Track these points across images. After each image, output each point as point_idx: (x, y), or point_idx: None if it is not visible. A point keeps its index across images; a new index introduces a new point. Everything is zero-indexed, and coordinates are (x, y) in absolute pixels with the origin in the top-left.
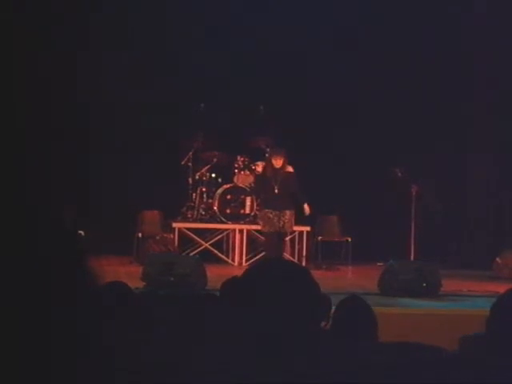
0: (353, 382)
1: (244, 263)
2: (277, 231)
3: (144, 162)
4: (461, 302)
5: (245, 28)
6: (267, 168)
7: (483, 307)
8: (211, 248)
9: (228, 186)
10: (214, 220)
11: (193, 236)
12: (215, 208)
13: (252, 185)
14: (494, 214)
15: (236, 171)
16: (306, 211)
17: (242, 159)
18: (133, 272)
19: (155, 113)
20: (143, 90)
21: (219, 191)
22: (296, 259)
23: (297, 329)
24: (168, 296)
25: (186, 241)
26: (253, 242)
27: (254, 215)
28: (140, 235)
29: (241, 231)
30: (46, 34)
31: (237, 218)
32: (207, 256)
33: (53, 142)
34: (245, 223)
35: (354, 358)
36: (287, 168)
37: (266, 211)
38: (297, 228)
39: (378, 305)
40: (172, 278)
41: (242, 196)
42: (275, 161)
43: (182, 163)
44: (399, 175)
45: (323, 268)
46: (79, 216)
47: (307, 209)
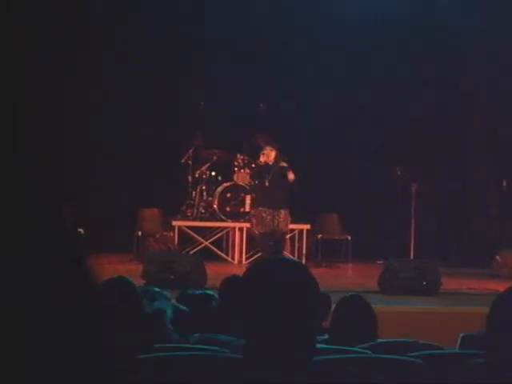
0: (352, 382)
1: (244, 261)
2: (269, 231)
3: (144, 160)
4: (460, 301)
5: (244, 27)
6: (258, 161)
7: (483, 305)
8: (211, 246)
9: (228, 184)
10: (214, 218)
11: (193, 234)
12: (215, 206)
13: (251, 182)
14: (494, 213)
15: (236, 169)
16: (290, 177)
17: (242, 157)
18: (133, 270)
19: (155, 111)
20: (143, 89)
21: (219, 189)
22: (296, 257)
23: (296, 327)
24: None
25: (186, 239)
26: (252, 240)
27: None
28: (140, 233)
29: (240, 229)
30: (46, 35)
31: (236, 216)
32: (207, 254)
33: (52, 142)
34: (245, 221)
35: (354, 358)
36: (281, 164)
37: (260, 210)
38: (297, 226)
39: (378, 303)
40: (172, 276)
41: (242, 194)
42: (267, 152)
43: (182, 161)
44: (399, 174)
45: (323, 266)
46: (79, 215)
47: (291, 175)
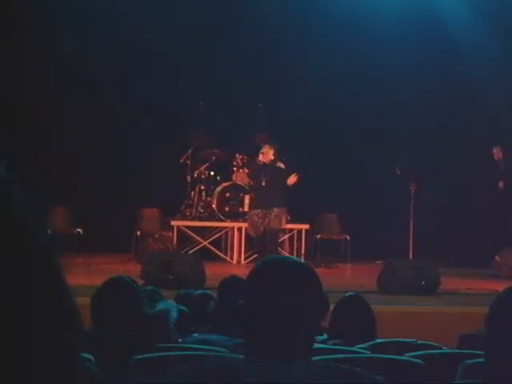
0: (352, 382)
1: (243, 261)
2: (260, 234)
3: (143, 160)
4: (459, 300)
5: (244, 27)
6: (257, 160)
7: (482, 305)
8: (210, 246)
9: (227, 184)
10: (213, 218)
11: (191, 234)
12: (214, 206)
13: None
14: (493, 213)
15: (235, 169)
16: (292, 180)
17: (241, 157)
18: (131, 270)
19: (154, 111)
20: (143, 89)
21: (218, 189)
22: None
23: (296, 327)
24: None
25: (185, 239)
26: (251, 241)
27: None
28: (139, 233)
29: (239, 229)
30: (45, 33)
31: (235, 216)
32: (206, 254)
33: (52, 141)
34: (243, 221)
35: (352, 358)
36: (278, 164)
37: (254, 213)
38: (296, 226)
39: (377, 303)
40: (171, 276)
41: (241, 194)
42: (266, 150)
43: (181, 161)
44: (398, 173)
45: (322, 266)
46: (75, 215)
47: (292, 179)
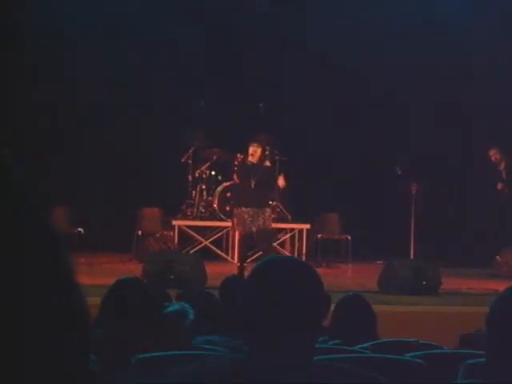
0: (352, 382)
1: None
2: (249, 233)
3: (144, 160)
4: (460, 300)
5: (244, 27)
6: (245, 158)
7: (483, 305)
8: (211, 246)
9: (228, 184)
10: (214, 217)
11: (192, 233)
12: (215, 205)
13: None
14: (494, 212)
15: (236, 169)
16: (281, 182)
17: (242, 157)
18: (133, 269)
19: (155, 110)
20: (144, 88)
21: (219, 189)
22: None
23: (298, 327)
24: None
25: (186, 238)
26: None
27: None
28: (140, 232)
29: None
30: (47, 36)
31: None
32: (207, 254)
33: (52, 141)
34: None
35: (353, 358)
36: (265, 162)
37: (244, 211)
38: (296, 226)
39: (378, 303)
40: (172, 276)
41: None
42: (253, 150)
43: (182, 161)
44: (399, 173)
45: (323, 266)
46: (76, 215)
47: (282, 181)
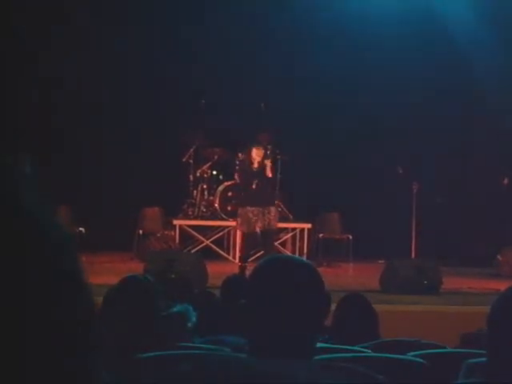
0: (354, 382)
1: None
2: (253, 232)
3: (145, 159)
4: (461, 300)
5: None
6: (247, 161)
7: (484, 304)
8: (212, 245)
9: (229, 183)
10: (215, 217)
11: (193, 233)
12: (216, 205)
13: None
14: (495, 212)
15: (237, 168)
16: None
17: (243, 157)
18: (134, 269)
19: (156, 110)
20: (144, 88)
21: (220, 188)
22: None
23: (299, 326)
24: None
25: (187, 238)
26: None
27: None
28: (141, 232)
29: None
30: (47, 34)
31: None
32: (208, 253)
33: (53, 140)
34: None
35: (354, 357)
36: (266, 162)
37: (248, 210)
38: (298, 225)
39: (379, 302)
40: (173, 275)
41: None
42: (256, 152)
43: (183, 160)
44: (400, 172)
45: (324, 265)
46: (77, 214)
47: (269, 172)
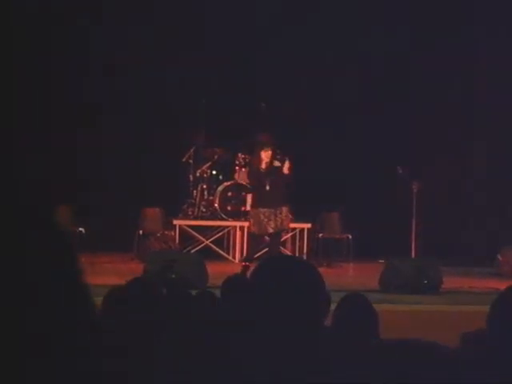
0: (352, 382)
1: None
2: (264, 234)
3: (145, 159)
4: (462, 299)
5: (245, 27)
6: (256, 162)
7: (484, 304)
8: (212, 245)
9: (229, 183)
10: (215, 217)
11: (194, 233)
12: (216, 205)
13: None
14: (495, 211)
15: (237, 168)
16: (285, 170)
17: (243, 156)
18: (134, 269)
19: (156, 110)
20: (144, 87)
21: (220, 188)
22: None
23: (297, 326)
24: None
25: (187, 238)
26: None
27: None
28: (141, 232)
29: (241, 228)
30: (49, 35)
31: (238, 215)
32: (208, 253)
33: (53, 141)
34: (246, 220)
35: (355, 357)
36: (275, 163)
37: (260, 211)
38: (298, 225)
39: (379, 302)
40: (173, 275)
41: (243, 193)
42: (265, 154)
43: (183, 160)
44: (400, 172)
45: (324, 265)
46: (77, 214)
47: (286, 169)
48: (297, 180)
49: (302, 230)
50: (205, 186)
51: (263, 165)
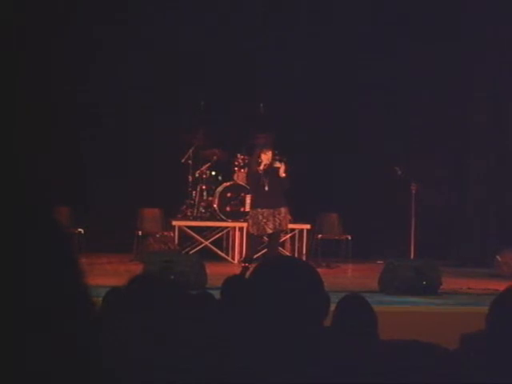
0: (353, 382)
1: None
2: (263, 234)
3: (144, 160)
4: (461, 300)
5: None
6: (255, 164)
7: (483, 305)
8: (211, 246)
9: (228, 184)
10: (214, 218)
11: (193, 234)
12: (215, 206)
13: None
14: (494, 212)
15: (236, 169)
16: (281, 174)
17: (242, 157)
18: (133, 270)
19: (156, 111)
20: (144, 88)
21: (219, 189)
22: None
23: (297, 327)
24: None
25: (186, 239)
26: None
27: None
28: (140, 233)
29: (241, 229)
30: (51, 35)
31: (237, 216)
32: (207, 254)
33: (53, 141)
34: (245, 221)
35: (354, 358)
36: (275, 164)
37: (258, 212)
38: (297, 226)
39: (378, 303)
40: (172, 276)
41: (242, 194)
42: (265, 156)
43: (182, 161)
44: (399, 173)
45: (323, 266)
46: (76, 215)
47: (282, 172)
48: (296, 181)
49: (301, 231)
50: (204, 187)
51: (262, 166)
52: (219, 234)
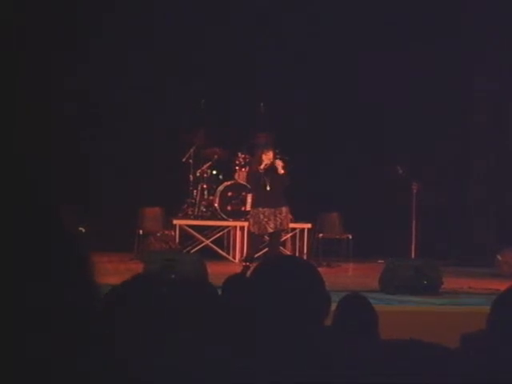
0: (353, 382)
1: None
2: (264, 233)
3: (145, 159)
4: (461, 300)
5: (244, 26)
6: (255, 164)
7: (484, 304)
8: (212, 245)
9: (229, 183)
10: (215, 217)
11: (194, 233)
12: (216, 205)
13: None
14: (495, 211)
15: (237, 168)
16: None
17: (243, 156)
18: (134, 269)
19: (156, 110)
20: (144, 88)
21: (220, 188)
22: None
23: (298, 326)
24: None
25: (187, 238)
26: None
27: None
28: (141, 232)
29: (242, 228)
30: (51, 35)
31: (238, 215)
32: (208, 253)
33: (53, 141)
34: (246, 220)
35: (355, 357)
36: (276, 163)
37: (260, 211)
38: (297, 225)
39: (379, 302)
40: (173, 275)
41: (243, 193)
42: (266, 156)
43: (183, 160)
44: (400, 172)
45: (324, 265)
46: (80, 214)
47: (280, 169)
48: (297, 180)
49: (302, 230)
50: (205, 186)
51: (263, 165)
52: (220, 233)
